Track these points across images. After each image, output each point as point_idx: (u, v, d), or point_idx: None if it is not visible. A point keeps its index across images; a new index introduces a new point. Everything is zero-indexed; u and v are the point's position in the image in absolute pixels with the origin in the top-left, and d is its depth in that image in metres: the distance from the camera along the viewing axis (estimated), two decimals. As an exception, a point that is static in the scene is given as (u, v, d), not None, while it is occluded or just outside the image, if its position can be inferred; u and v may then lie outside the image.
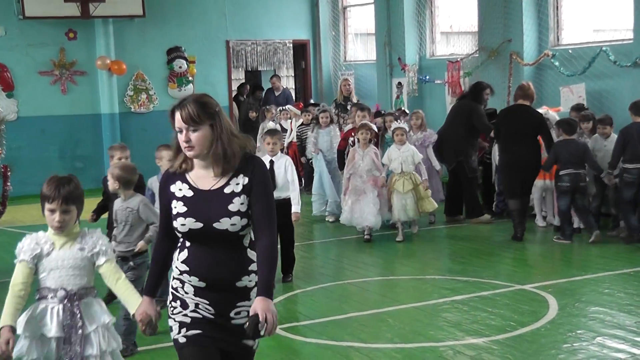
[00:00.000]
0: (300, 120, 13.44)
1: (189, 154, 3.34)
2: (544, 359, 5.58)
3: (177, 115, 3.30)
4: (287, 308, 7.12)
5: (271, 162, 7.79)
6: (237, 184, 3.35)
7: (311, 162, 12.18)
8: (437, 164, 10.91)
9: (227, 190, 3.35)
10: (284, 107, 14.65)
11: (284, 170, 7.80)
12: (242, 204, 3.33)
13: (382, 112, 13.24)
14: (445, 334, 6.22)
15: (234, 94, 16.53)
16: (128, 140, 15.24)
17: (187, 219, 3.34)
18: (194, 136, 3.29)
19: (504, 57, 12.25)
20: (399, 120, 10.93)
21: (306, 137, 12.61)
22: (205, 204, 3.34)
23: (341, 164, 10.55)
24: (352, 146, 10.21)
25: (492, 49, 12.42)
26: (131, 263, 5.94)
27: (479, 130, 10.78)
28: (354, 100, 13.10)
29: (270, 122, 13.69)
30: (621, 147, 9.09)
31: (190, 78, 15.86)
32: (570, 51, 11.45)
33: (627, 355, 5.58)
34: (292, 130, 13.88)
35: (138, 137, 15.31)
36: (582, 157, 9.24)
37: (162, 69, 15.65)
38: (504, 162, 9.86)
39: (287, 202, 7.72)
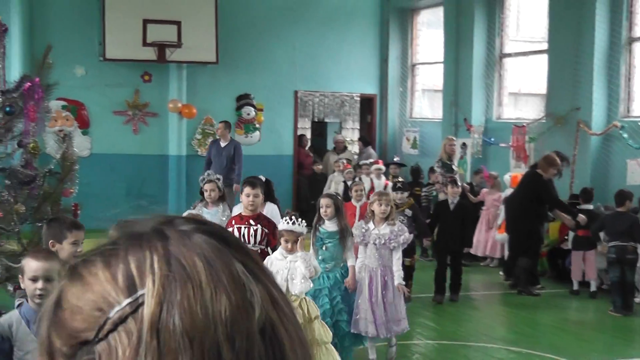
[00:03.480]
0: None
1: None
2: None
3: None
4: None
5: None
6: None
7: None
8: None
9: None
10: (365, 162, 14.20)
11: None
12: None
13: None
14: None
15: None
16: (193, 183, 15.59)
17: None
18: None
19: (571, 124, 12.23)
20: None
21: None
22: None
23: None
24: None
25: (559, 116, 12.42)
26: None
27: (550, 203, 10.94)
28: (455, 160, 12.86)
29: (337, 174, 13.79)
30: None
31: (257, 125, 16.16)
32: None
33: None
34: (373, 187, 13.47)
35: (203, 180, 15.62)
36: (630, 230, 9.27)
37: (230, 114, 15.96)
38: None
39: None
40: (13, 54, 13.32)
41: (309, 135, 17.34)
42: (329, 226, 7.10)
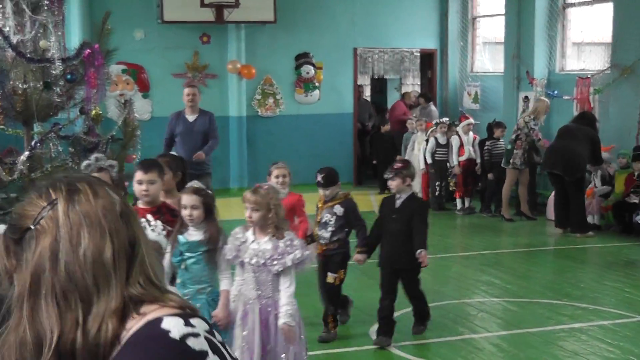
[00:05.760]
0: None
1: None
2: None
3: None
4: (402, 325, 7.18)
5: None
6: None
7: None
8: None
9: None
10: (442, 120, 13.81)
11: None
12: None
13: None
14: (560, 364, 6.15)
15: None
16: (254, 143, 15.67)
17: None
18: None
19: (637, 75, 11.89)
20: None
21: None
22: None
23: None
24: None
25: (625, 66, 12.08)
26: None
27: (595, 160, 11.19)
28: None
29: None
30: None
31: (317, 84, 16.10)
32: None
33: None
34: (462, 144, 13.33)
35: (264, 140, 15.70)
36: None
37: (290, 74, 15.95)
38: None
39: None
40: (72, 21, 13.49)
41: (368, 92, 17.23)
42: (193, 234, 5.07)
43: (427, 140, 13.46)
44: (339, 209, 6.62)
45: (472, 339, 6.81)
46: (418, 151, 13.64)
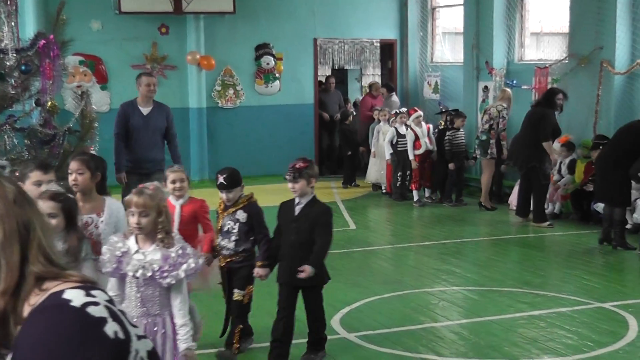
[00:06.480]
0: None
1: None
2: (620, 383, 5.53)
3: None
4: (364, 315, 7.20)
5: None
6: None
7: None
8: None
9: None
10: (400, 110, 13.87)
11: None
12: None
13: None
14: (520, 351, 6.20)
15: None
16: (214, 135, 15.59)
17: None
18: None
19: (594, 64, 12.02)
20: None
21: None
22: None
23: None
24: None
25: (582, 56, 12.21)
26: None
27: (540, 136, 10.91)
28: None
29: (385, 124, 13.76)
30: None
31: (277, 75, 16.05)
32: (664, 61, 11.18)
33: None
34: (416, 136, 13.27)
35: (224, 132, 15.63)
36: None
37: (250, 65, 15.88)
38: None
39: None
40: (26, 12, 13.25)
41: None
42: None
43: (395, 129, 13.52)
44: (241, 215, 5.91)
45: (433, 327, 6.84)
46: (383, 141, 13.67)
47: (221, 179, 5.87)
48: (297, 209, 5.78)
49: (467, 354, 6.18)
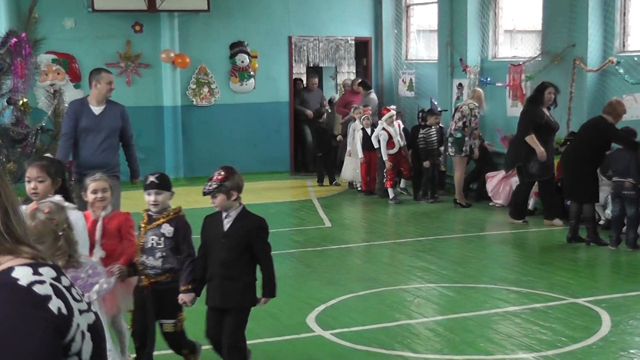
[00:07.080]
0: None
1: None
2: (593, 378, 5.58)
3: None
4: (339, 312, 7.21)
5: None
6: None
7: None
8: None
9: None
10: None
11: None
12: None
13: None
14: (495, 347, 6.24)
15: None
16: (189, 133, 15.53)
17: None
18: None
19: (567, 62, 12.10)
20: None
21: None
22: None
23: None
24: None
25: (555, 54, 12.28)
26: None
27: (519, 130, 10.93)
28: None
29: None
30: None
31: (252, 73, 16.01)
32: (635, 58, 11.27)
33: (679, 378, 5.53)
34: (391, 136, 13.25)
35: (199, 130, 15.58)
36: (628, 167, 9.30)
37: (224, 63, 15.83)
38: None
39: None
40: (-2, 9, 13.14)
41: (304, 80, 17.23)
42: None
43: (362, 129, 13.55)
44: (167, 229, 5.25)
45: (408, 324, 6.86)
46: (358, 139, 13.69)
47: (152, 178, 5.31)
48: (226, 224, 5.14)
49: (442, 350, 6.21)
